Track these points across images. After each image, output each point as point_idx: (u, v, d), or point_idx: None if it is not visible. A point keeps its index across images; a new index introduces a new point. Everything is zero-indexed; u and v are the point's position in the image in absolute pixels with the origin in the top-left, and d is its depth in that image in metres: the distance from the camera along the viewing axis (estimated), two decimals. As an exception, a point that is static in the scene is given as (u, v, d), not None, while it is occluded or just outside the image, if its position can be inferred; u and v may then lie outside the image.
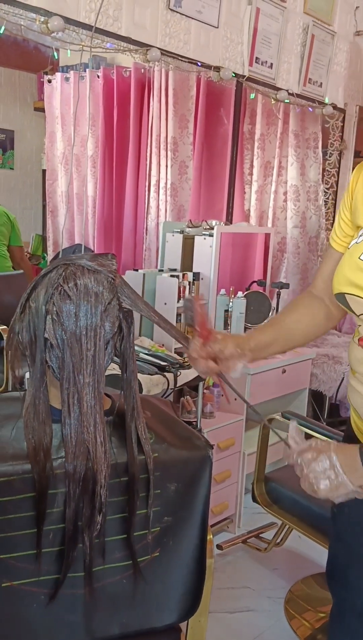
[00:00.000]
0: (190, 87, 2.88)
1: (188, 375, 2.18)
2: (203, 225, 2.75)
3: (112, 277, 0.97)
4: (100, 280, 0.96)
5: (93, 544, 0.96)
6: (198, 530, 1.08)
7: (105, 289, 0.96)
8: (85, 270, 0.96)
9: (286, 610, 2.09)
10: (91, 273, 0.96)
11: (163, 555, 1.05)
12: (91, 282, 0.95)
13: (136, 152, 3.04)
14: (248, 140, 3.31)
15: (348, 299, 1.07)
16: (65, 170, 3.38)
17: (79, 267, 0.96)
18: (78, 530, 0.95)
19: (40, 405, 0.96)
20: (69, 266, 0.96)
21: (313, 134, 3.51)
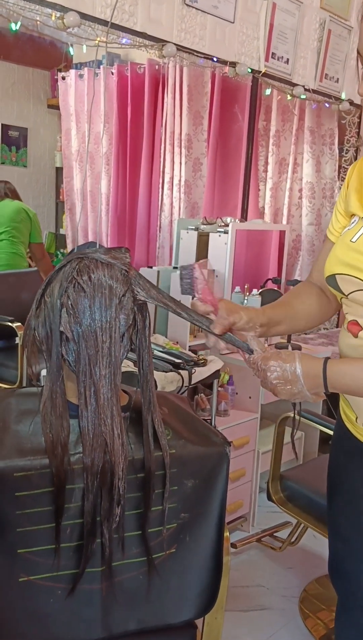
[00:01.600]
0: (205, 83, 2.86)
1: (202, 373, 2.17)
2: (218, 222, 2.73)
3: (126, 269, 0.97)
4: (114, 273, 0.96)
5: (112, 537, 0.96)
6: (215, 527, 1.08)
7: (119, 281, 0.96)
8: (99, 263, 0.96)
9: (300, 609, 2.07)
10: (105, 266, 0.96)
11: (180, 552, 1.04)
12: (105, 275, 0.95)
13: (150, 149, 3.03)
14: (263, 137, 3.29)
15: (339, 279, 1.09)
16: (80, 168, 3.39)
17: (93, 260, 0.96)
18: (97, 524, 0.94)
19: (57, 399, 0.96)
20: (83, 260, 0.97)
21: (329, 130, 3.49)
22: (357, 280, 1.04)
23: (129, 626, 1.05)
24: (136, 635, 1.07)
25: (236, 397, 2.53)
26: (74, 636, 1.01)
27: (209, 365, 2.21)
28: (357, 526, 1.16)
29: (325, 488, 1.30)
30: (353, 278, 1.05)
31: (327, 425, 1.88)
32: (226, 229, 2.63)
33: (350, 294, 1.07)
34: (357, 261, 1.04)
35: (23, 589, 0.96)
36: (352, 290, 1.06)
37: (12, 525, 0.93)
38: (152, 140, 3.03)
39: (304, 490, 1.91)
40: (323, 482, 1.29)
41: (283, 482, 1.98)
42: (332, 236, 1.21)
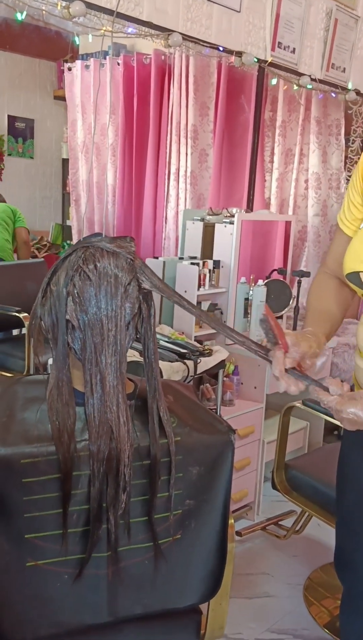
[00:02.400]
0: (211, 73, 2.85)
1: (208, 363, 2.18)
2: (224, 213, 2.73)
3: (131, 258, 0.98)
4: (119, 262, 0.97)
5: (118, 523, 0.97)
6: (220, 514, 1.09)
7: (124, 270, 0.97)
8: (104, 252, 0.97)
9: (305, 597, 2.09)
10: (110, 255, 0.97)
11: (185, 538, 1.06)
12: (110, 264, 0.96)
13: (156, 140, 3.03)
14: (269, 128, 3.28)
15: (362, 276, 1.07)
16: (86, 159, 3.39)
17: (98, 249, 0.97)
18: (103, 510, 0.96)
19: (63, 387, 0.97)
20: (88, 248, 0.97)
21: (335, 121, 3.47)
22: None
23: (134, 610, 1.06)
24: (141, 619, 1.09)
25: (241, 387, 2.55)
26: (80, 620, 1.03)
27: (215, 355, 2.22)
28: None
29: (330, 477, 1.31)
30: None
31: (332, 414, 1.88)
32: (232, 219, 2.64)
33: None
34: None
35: (30, 574, 0.97)
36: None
37: (20, 510, 0.94)
38: (158, 131, 3.03)
39: (309, 479, 1.92)
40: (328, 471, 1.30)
41: (288, 471, 2.00)
42: (346, 228, 1.20)
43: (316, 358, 1.05)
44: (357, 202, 1.16)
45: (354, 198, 1.17)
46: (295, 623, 1.96)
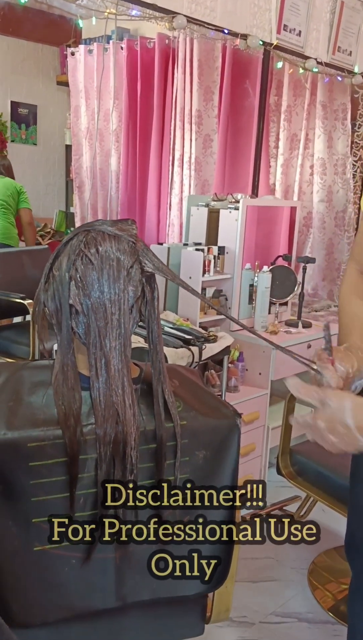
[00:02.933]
0: (215, 57, 2.83)
1: (212, 349, 2.18)
2: (229, 199, 2.72)
3: (133, 241, 0.98)
4: (121, 245, 0.96)
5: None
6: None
7: (126, 253, 0.96)
8: (106, 235, 0.96)
9: (309, 581, 2.10)
10: (112, 238, 0.97)
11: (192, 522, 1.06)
12: (112, 247, 0.96)
13: (160, 125, 3.01)
14: (274, 112, 3.25)
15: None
16: (89, 145, 3.37)
17: (99, 232, 0.97)
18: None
19: (68, 372, 0.97)
20: (90, 232, 0.97)
21: (341, 105, 3.44)
22: None
23: (142, 596, 1.06)
24: (149, 605, 1.10)
25: (246, 373, 2.55)
26: (88, 604, 1.04)
27: (220, 341, 2.22)
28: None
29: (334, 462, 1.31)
30: None
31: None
32: (237, 205, 2.62)
33: None
34: None
35: (38, 558, 0.97)
36: None
37: (27, 494, 0.95)
38: (162, 116, 3.00)
39: (313, 465, 1.93)
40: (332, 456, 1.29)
41: (292, 456, 2.00)
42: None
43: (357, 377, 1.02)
44: None
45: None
46: (299, 607, 1.98)
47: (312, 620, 1.92)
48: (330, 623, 1.91)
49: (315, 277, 3.47)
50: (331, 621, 1.92)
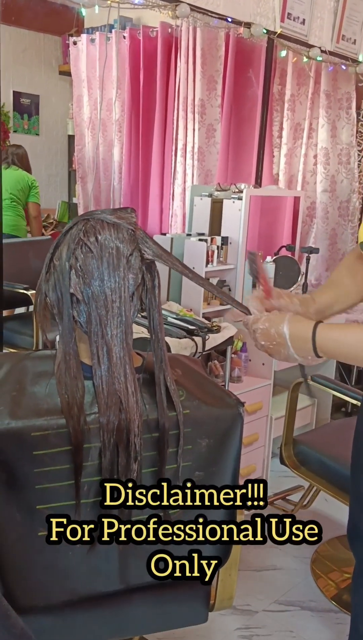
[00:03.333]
0: (218, 46, 2.80)
1: (216, 340, 2.18)
2: (232, 189, 2.71)
3: (132, 229, 0.98)
4: (120, 233, 0.97)
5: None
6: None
7: (125, 241, 0.97)
8: (105, 224, 0.97)
9: (312, 570, 2.12)
10: (111, 226, 0.97)
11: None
12: (111, 235, 0.96)
13: (163, 115, 2.99)
14: (278, 102, 3.23)
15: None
16: (92, 135, 3.36)
17: (98, 221, 0.97)
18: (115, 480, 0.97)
19: (71, 361, 0.97)
20: (89, 221, 0.98)
21: (346, 94, 3.41)
22: None
23: (146, 579, 1.07)
24: (152, 588, 1.11)
25: (249, 363, 2.55)
26: (92, 589, 1.05)
27: (223, 332, 2.22)
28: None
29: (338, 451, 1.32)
30: None
31: (340, 390, 1.89)
32: (240, 195, 2.61)
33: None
34: None
35: (42, 543, 0.98)
36: None
37: (31, 482, 0.95)
38: (165, 106, 2.99)
39: (317, 454, 1.93)
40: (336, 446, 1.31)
41: (296, 446, 2.01)
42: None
43: None
44: None
45: None
46: (302, 595, 1.99)
47: (315, 609, 1.93)
48: (332, 611, 1.92)
49: (319, 267, 3.46)
50: (334, 610, 1.93)
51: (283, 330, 0.99)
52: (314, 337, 0.97)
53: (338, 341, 0.98)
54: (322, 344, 0.98)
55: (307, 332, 0.98)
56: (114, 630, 1.18)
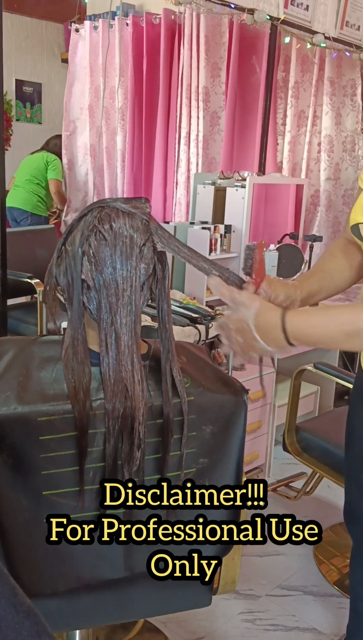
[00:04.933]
0: (222, 33, 2.79)
1: (219, 327, 2.19)
2: (235, 177, 2.70)
3: (147, 219, 0.98)
4: (135, 223, 0.97)
5: (133, 480, 0.99)
6: (233, 472, 1.11)
7: (139, 231, 0.97)
8: (120, 212, 0.97)
9: (315, 555, 2.13)
10: (126, 215, 0.97)
11: (199, 495, 1.08)
12: (126, 224, 0.96)
13: (166, 103, 2.98)
14: (282, 89, 3.21)
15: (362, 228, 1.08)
16: (92, 123, 3.34)
17: (113, 209, 0.97)
18: (118, 467, 0.98)
19: (78, 346, 0.98)
20: (104, 208, 0.97)
21: (350, 81, 3.39)
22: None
23: None
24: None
25: (252, 352, 2.55)
26: (97, 575, 1.06)
27: (226, 320, 2.23)
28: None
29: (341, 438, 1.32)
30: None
31: (344, 377, 1.90)
32: (244, 183, 2.61)
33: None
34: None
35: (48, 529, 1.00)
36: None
37: (37, 468, 0.96)
38: (168, 93, 2.98)
39: (319, 441, 1.94)
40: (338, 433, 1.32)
41: (298, 433, 2.02)
42: None
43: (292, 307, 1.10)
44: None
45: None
46: (305, 580, 2.01)
47: (317, 594, 1.95)
48: (335, 596, 1.94)
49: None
50: (336, 594, 1.95)
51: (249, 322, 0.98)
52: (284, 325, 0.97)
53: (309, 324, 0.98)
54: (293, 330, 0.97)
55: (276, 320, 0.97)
56: (119, 614, 1.20)
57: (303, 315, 1.00)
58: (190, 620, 1.77)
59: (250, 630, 1.77)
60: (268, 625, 1.80)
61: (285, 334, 0.97)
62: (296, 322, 0.97)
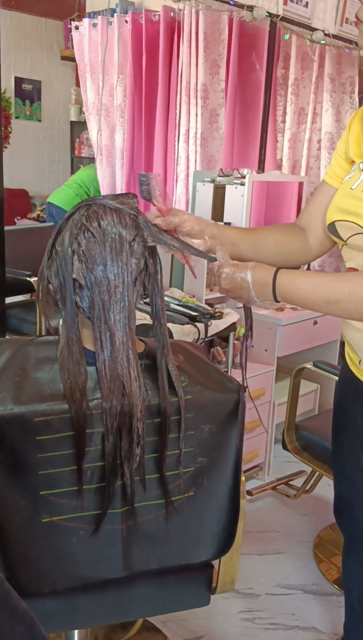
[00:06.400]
0: (221, 30, 2.78)
1: (218, 326, 2.18)
2: (235, 174, 2.69)
3: (135, 214, 0.98)
4: (123, 219, 0.97)
5: (133, 477, 0.99)
6: (232, 471, 1.11)
7: (128, 226, 0.97)
8: (107, 209, 0.97)
9: (315, 554, 2.13)
10: (113, 212, 0.97)
11: (198, 495, 1.07)
12: (114, 221, 0.96)
13: (166, 100, 2.97)
14: (281, 86, 3.20)
15: (338, 226, 1.11)
16: (94, 121, 3.34)
17: (101, 206, 0.97)
18: (118, 465, 0.98)
19: (73, 346, 0.98)
20: (91, 206, 0.98)
21: (349, 78, 3.37)
22: (354, 225, 1.07)
23: (149, 566, 1.09)
24: (156, 574, 1.12)
25: (252, 349, 2.55)
26: (96, 575, 1.06)
27: (226, 318, 2.22)
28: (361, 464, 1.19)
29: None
30: (351, 223, 1.07)
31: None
32: (243, 180, 2.60)
33: (349, 239, 1.09)
34: (356, 207, 1.07)
35: (46, 530, 0.99)
36: (350, 235, 1.09)
37: (35, 468, 0.96)
38: (167, 91, 2.97)
39: (319, 439, 1.94)
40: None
41: (298, 431, 2.02)
42: (330, 180, 1.23)
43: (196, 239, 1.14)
44: (342, 152, 1.20)
45: (340, 149, 1.21)
46: (304, 579, 2.01)
47: (317, 592, 1.95)
48: (335, 595, 1.94)
49: (322, 253, 3.45)
50: (336, 593, 1.95)
51: (246, 276, 1.05)
52: (274, 282, 1.04)
53: (295, 286, 1.05)
54: (281, 288, 1.04)
55: (269, 277, 1.05)
56: (118, 614, 1.20)
57: (293, 276, 1.06)
58: (189, 619, 1.77)
59: (250, 629, 1.77)
60: (268, 624, 1.80)
61: (274, 290, 1.04)
62: (284, 282, 1.04)
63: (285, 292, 1.04)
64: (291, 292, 1.04)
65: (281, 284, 1.04)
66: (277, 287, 1.04)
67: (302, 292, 1.04)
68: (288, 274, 1.05)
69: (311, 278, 1.07)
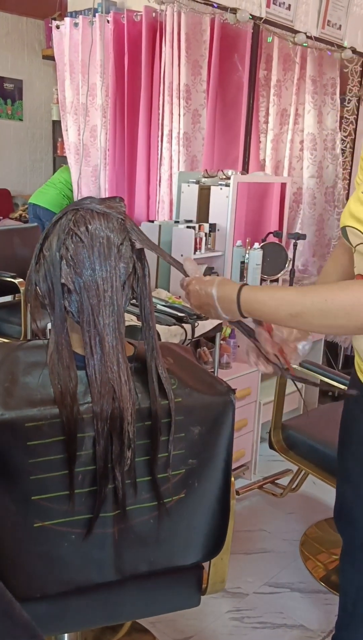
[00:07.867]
0: (203, 31, 2.78)
1: (205, 326, 2.19)
2: (219, 175, 2.70)
3: (122, 218, 0.98)
4: (110, 223, 0.97)
5: (124, 480, 0.99)
6: (222, 473, 1.11)
7: (115, 230, 0.97)
8: (95, 213, 0.97)
9: (301, 552, 2.15)
10: (101, 216, 0.97)
11: (189, 497, 1.08)
12: (101, 225, 0.97)
13: (148, 100, 2.97)
14: (264, 87, 3.22)
15: (348, 231, 1.10)
16: (74, 120, 3.32)
17: (88, 210, 0.97)
18: (109, 468, 0.98)
19: (63, 351, 0.98)
20: (78, 211, 0.98)
21: (331, 80, 3.40)
22: (359, 232, 1.05)
23: (140, 568, 1.09)
24: (146, 576, 1.12)
25: (238, 350, 2.57)
26: (87, 578, 1.06)
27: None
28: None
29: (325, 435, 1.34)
30: (357, 231, 1.06)
31: (327, 375, 1.91)
32: (228, 181, 2.61)
33: (357, 247, 1.08)
34: (359, 213, 1.04)
35: (38, 534, 0.99)
36: (357, 243, 1.07)
37: (25, 473, 0.96)
38: (150, 91, 2.96)
39: (304, 438, 1.96)
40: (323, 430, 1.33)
41: (284, 430, 2.03)
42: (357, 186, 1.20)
43: (299, 342, 1.11)
44: None
45: None
46: (292, 577, 2.03)
47: (304, 590, 1.97)
48: (321, 592, 1.96)
49: (306, 253, 3.48)
50: (323, 590, 1.97)
51: (212, 292, 1.06)
52: (238, 299, 1.04)
53: (259, 302, 1.05)
54: (245, 304, 1.05)
55: (233, 294, 1.05)
56: (108, 616, 1.20)
57: (256, 292, 1.06)
58: (178, 620, 1.77)
59: (238, 628, 1.79)
60: (256, 622, 1.81)
61: (239, 306, 1.05)
62: (248, 298, 1.04)
63: (250, 307, 1.04)
64: (256, 307, 1.04)
65: (245, 300, 1.04)
66: (242, 303, 1.04)
67: (266, 307, 1.04)
68: (252, 290, 1.05)
69: (275, 293, 1.07)
